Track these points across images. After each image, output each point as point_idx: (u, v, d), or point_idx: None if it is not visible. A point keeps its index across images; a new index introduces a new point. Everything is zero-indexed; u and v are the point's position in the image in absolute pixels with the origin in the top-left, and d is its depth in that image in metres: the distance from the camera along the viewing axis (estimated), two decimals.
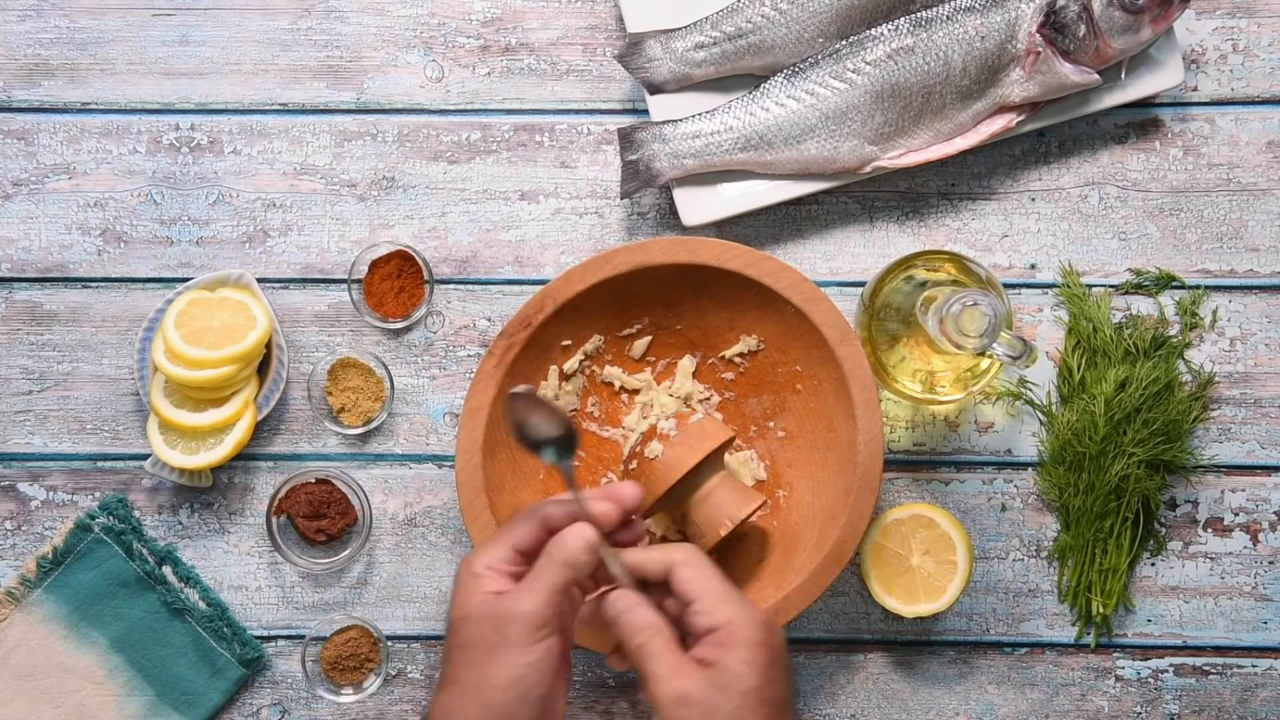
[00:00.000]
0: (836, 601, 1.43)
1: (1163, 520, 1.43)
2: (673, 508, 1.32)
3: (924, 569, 1.37)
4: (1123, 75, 1.39)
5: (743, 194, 1.40)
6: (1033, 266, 1.43)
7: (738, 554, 1.38)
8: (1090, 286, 1.43)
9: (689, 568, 1.11)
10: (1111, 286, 1.43)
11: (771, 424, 1.39)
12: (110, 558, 1.42)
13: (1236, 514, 1.43)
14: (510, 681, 1.07)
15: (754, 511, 1.29)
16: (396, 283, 1.42)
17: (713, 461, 1.30)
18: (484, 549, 1.12)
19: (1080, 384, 1.41)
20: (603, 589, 1.13)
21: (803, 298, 1.32)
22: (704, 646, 1.08)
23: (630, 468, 1.31)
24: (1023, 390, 1.42)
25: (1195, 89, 1.43)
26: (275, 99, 1.44)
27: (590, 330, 1.37)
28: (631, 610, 1.10)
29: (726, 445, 1.31)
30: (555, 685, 1.10)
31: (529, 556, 1.13)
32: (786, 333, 1.35)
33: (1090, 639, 1.43)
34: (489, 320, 1.44)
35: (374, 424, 1.42)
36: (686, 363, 1.39)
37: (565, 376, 1.38)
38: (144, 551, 1.42)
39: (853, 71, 1.37)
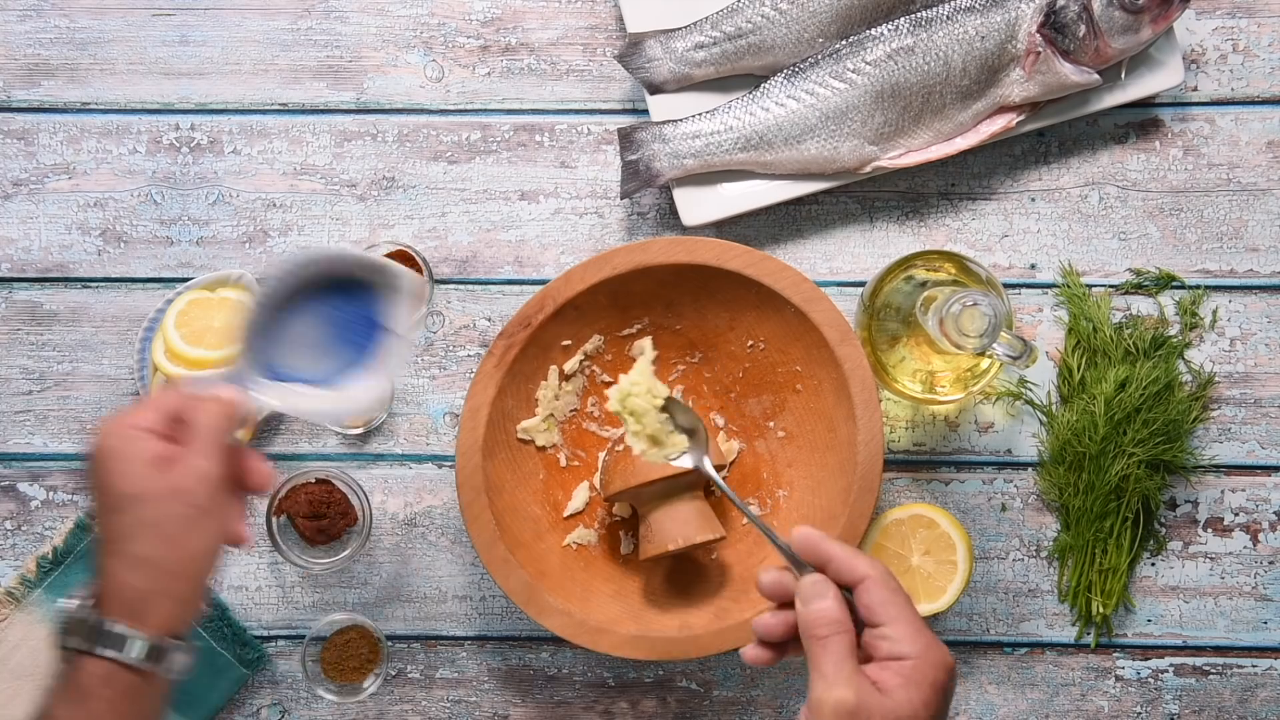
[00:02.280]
0: None
1: (1163, 520, 1.43)
2: (639, 504, 1.34)
3: (924, 569, 1.37)
4: (1123, 75, 1.39)
5: (743, 194, 1.40)
6: (1033, 266, 1.43)
7: (739, 553, 1.38)
8: (1090, 286, 1.43)
9: (883, 588, 1.04)
10: (1111, 286, 1.43)
11: (771, 424, 1.39)
12: None
13: (1236, 514, 1.43)
14: (210, 549, 1.08)
15: (708, 541, 1.31)
16: None
17: (692, 481, 1.31)
18: (129, 412, 1.08)
19: (1080, 384, 1.41)
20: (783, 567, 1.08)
21: (803, 297, 1.32)
22: (883, 670, 1.02)
23: (615, 448, 1.34)
24: (1023, 390, 1.42)
25: (1195, 89, 1.43)
26: (275, 99, 1.44)
27: (590, 330, 1.37)
28: (828, 601, 1.04)
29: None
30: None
31: (176, 424, 1.09)
32: (786, 333, 1.35)
33: (1090, 639, 1.43)
34: (489, 320, 1.44)
35: (374, 424, 1.42)
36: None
37: (565, 377, 1.38)
38: None
39: (853, 71, 1.37)
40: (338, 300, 1.16)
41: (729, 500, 1.28)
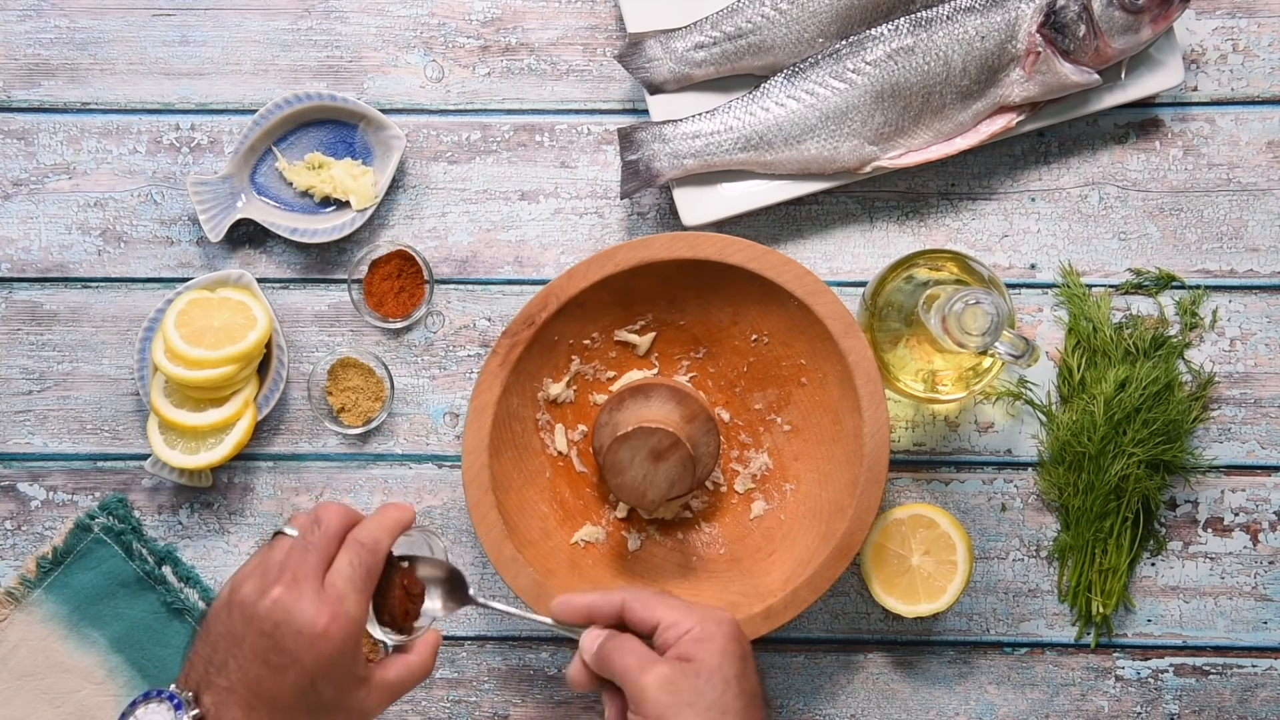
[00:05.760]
0: (836, 601, 1.43)
1: (1163, 520, 1.43)
2: (620, 468, 1.33)
3: (924, 569, 1.37)
4: (1123, 75, 1.39)
5: (743, 194, 1.41)
6: (1033, 266, 1.43)
7: (747, 548, 1.38)
8: (1090, 286, 1.43)
9: (639, 599, 1.18)
10: (1111, 286, 1.43)
11: (777, 418, 1.39)
12: (110, 558, 1.41)
13: (1236, 514, 1.43)
14: None
15: (677, 496, 1.33)
16: (396, 283, 1.42)
17: (671, 445, 1.32)
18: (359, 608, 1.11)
19: (1080, 384, 1.41)
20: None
21: (806, 291, 1.32)
22: (679, 647, 1.14)
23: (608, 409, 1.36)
24: (1023, 390, 1.42)
25: (1195, 89, 1.44)
26: (275, 99, 1.44)
27: (593, 327, 1.37)
28: (595, 631, 1.18)
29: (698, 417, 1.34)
30: None
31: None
32: (790, 326, 1.35)
33: (1090, 639, 1.43)
34: (489, 320, 1.44)
35: (374, 424, 1.42)
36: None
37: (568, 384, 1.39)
38: (144, 551, 1.42)
39: (853, 71, 1.37)
40: (325, 134, 1.43)
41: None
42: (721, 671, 1.12)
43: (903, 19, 1.37)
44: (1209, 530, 1.43)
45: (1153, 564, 1.43)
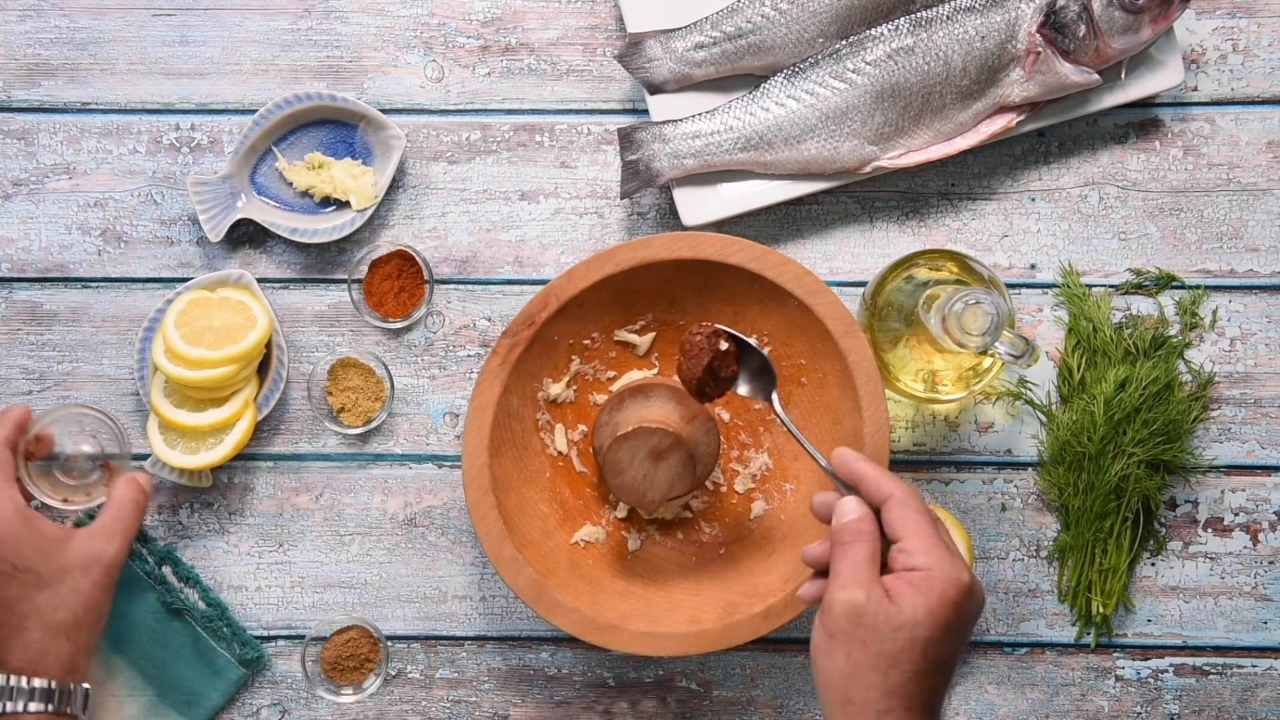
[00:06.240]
0: None
1: (1163, 520, 1.43)
2: (620, 467, 1.33)
3: None
4: (1123, 75, 1.39)
5: (743, 194, 1.41)
6: (1033, 266, 1.43)
7: (747, 548, 1.38)
8: (1090, 286, 1.43)
9: (905, 507, 1.11)
10: (1111, 286, 1.43)
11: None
12: None
13: (1236, 514, 1.43)
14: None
15: (677, 497, 1.34)
16: (396, 283, 1.42)
17: (671, 444, 1.32)
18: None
19: (1080, 384, 1.41)
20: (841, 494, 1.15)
21: (806, 291, 1.32)
22: (896, 580, 1.08)
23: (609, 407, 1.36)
24: (1023, 390, 1.42)
25: (1195, 89, 1.44)
26: (275, 99, 1.44)
27: (594, 328, 1.37)
28: (855, 514, 1.11)
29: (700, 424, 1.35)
30: None
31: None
32: (790, 326, 1.35)
33: (1090, 639, 1.43)
34: (489, 320, 1.44)
35: (374, 424, 1.42)
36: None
37: (568, 384, 1.39)
38: (144, 551, 1.42)
39: (853, 71, 1.37)
40: (325, 134, 1.43)
41: (793, 438, 1.26)
42: (912, 629, 1.05)
43: (903, 19, 1.37)
44: (1209, 530, 1.43)
45: (1153, 564, 1.43)
